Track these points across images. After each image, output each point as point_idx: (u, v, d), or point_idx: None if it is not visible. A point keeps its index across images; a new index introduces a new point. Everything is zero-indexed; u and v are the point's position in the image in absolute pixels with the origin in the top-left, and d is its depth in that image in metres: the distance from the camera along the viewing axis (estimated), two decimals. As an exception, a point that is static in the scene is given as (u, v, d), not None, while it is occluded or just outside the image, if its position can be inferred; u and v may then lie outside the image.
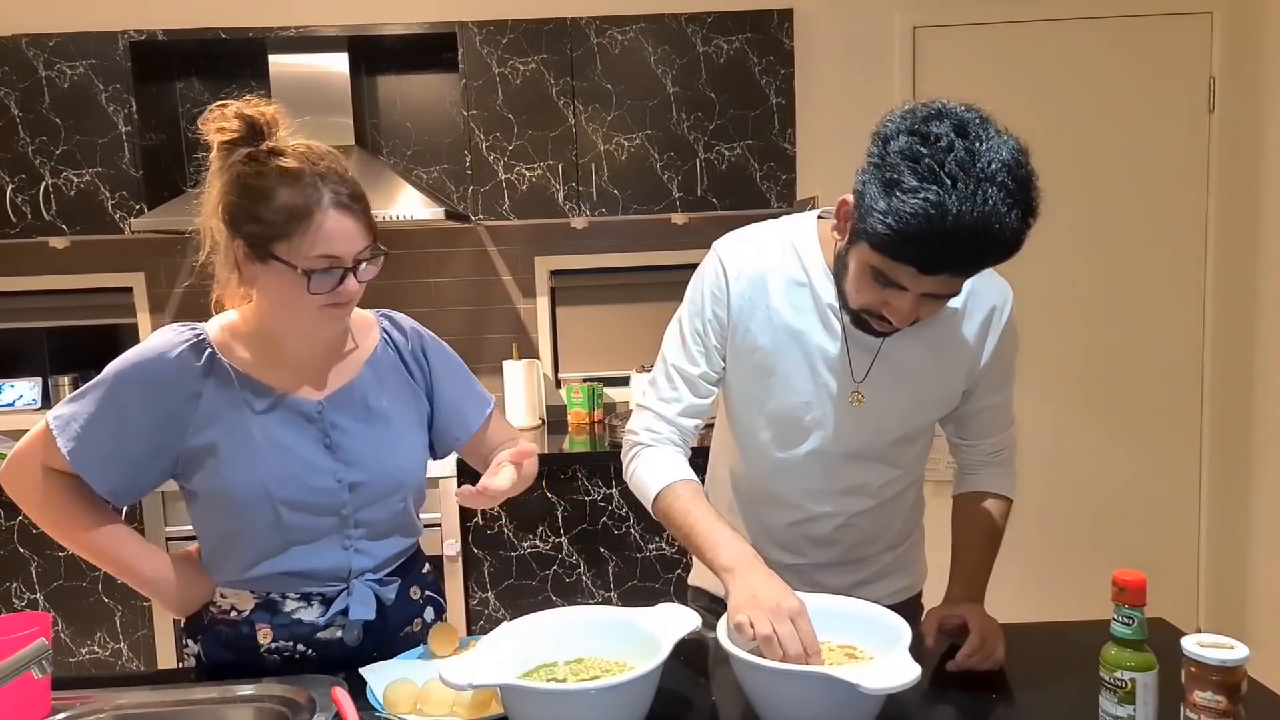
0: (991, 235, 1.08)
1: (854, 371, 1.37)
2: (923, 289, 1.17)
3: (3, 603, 2.96)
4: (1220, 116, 3.13)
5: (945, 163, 1.07)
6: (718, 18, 3.09)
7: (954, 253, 1.10)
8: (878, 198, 1.10)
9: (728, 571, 1.23)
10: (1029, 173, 1.11)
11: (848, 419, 1.39)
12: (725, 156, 3.15)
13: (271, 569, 1.34)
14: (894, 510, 1.52)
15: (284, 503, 1.31)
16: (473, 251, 3.54)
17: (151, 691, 1.29)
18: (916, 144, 1.09)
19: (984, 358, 1.41)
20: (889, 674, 1.02)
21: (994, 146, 1.09)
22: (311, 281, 1.25)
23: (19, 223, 3.09)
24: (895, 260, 1.13)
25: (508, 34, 3.08)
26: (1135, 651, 1.05)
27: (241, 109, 1.29)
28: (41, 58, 3.04)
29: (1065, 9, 3.12)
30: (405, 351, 1.47)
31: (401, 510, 1.43)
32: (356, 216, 1.28)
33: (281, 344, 1.36)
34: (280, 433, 1.33)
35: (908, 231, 1.08)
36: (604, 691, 1.05)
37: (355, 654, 1.39)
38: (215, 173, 1.31)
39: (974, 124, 1.10)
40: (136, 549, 1.37)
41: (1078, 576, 3.26)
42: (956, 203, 1.05)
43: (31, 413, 3.46)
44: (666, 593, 3.01)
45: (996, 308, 1.40)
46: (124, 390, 1.28)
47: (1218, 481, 3.26)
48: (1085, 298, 3.22)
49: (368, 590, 1.38)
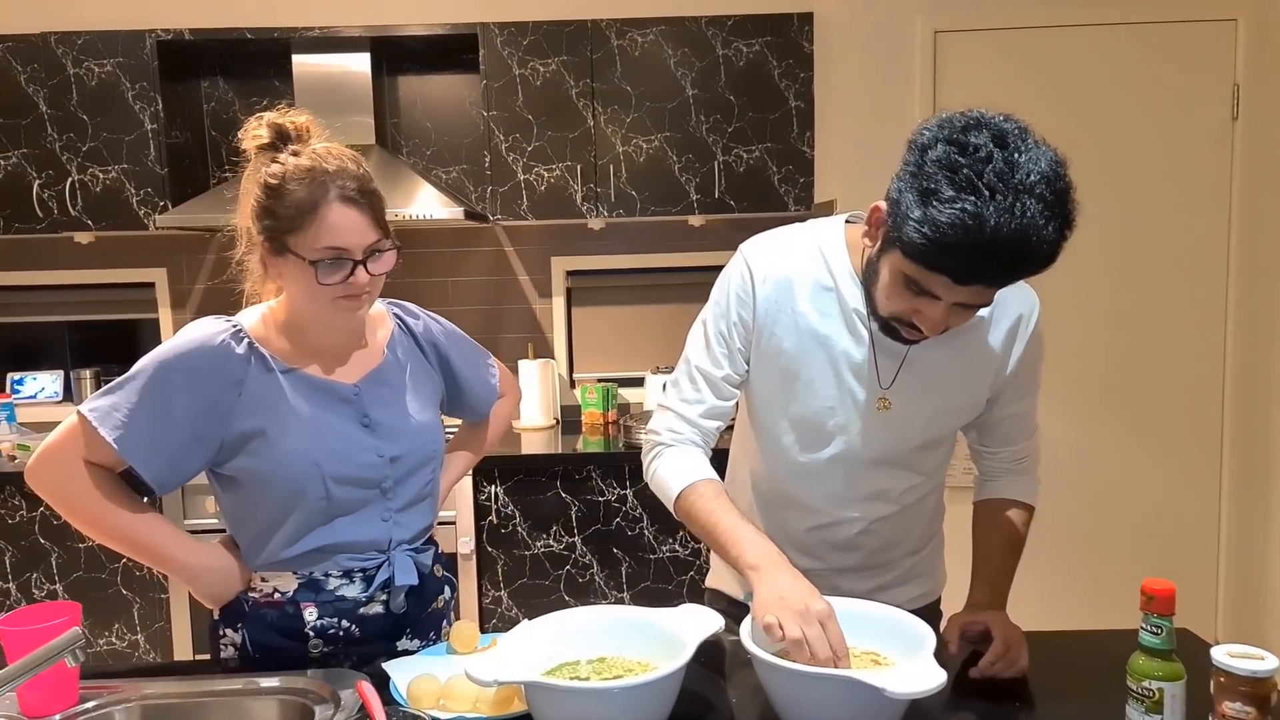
0: (1029, 247, 1.07)
1: (881, 378, 1.37)
2: (956, 299, 1.16)
3: (23, 593, 2.99)
4: (1244, 124, 3.11)
5: (984, 173, 1.06)
6: (738, 21, 3.09)
7: (990, 264, 1.09)
8: (914, 206, 1.10)
9: (753, 570, 1.23)
10: (1067, 184, 1.10)
11: (874, 425, 1.39)
12: (744, 159, 3.15)
13: (318, 542, 1.39)
14: (915, 516, 1.52)
15: (334, 478, 1.37)
16: (490, 251, 3.55)
17: (177, 682, 1.31)
18: (954, 153, 1.08)
19: (1009, 366, 1.41)
20: (914, 679, 1.02)
21: (1033, 158, 1.08)
22: (319, 272, 1.30)
23: (45, 218, 3.12)
24: (930, 270, 1.13)
25: (528, 35, 3.10)
26: (1164, 661, 1.05)
27: (274, 118, 1.37)
28: (70, 55, 3.07)
29: (1087, 15, 3.11)
30: (419, 335, 1.56)
31: (430, 482, 1.52)
32: (363, 210, 1.33)
33: (309, 334, 1.42)
34: (322, 414, 1.39)
35: (944, 241, 1.07)
36: (628, 691, 1.06)
37: (394, 629, 1.46)
38: (248, 176, 1.38)
39: (1013, 134, 1.10)
40: (174, 538, 1.40)
41: (1097, 584, 3.25)
42: (994, 214, 1.05)
43: (53, 405, 3.48)
44: (680, 595, 3.01)
45: (1023, 316, 1.40)
46: (168, 379, 1.32)
47: (1238, 491, 3.24)
48: (1107, 304, 3.20)
49: (407, 559, 1.46)
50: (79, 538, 2.97)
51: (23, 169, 3.11)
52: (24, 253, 3.47)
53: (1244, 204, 3.14)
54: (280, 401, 1.37)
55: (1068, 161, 1.12)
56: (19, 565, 2.98)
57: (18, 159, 3.11)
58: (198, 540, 1.42)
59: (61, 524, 2.96)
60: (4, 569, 2.98)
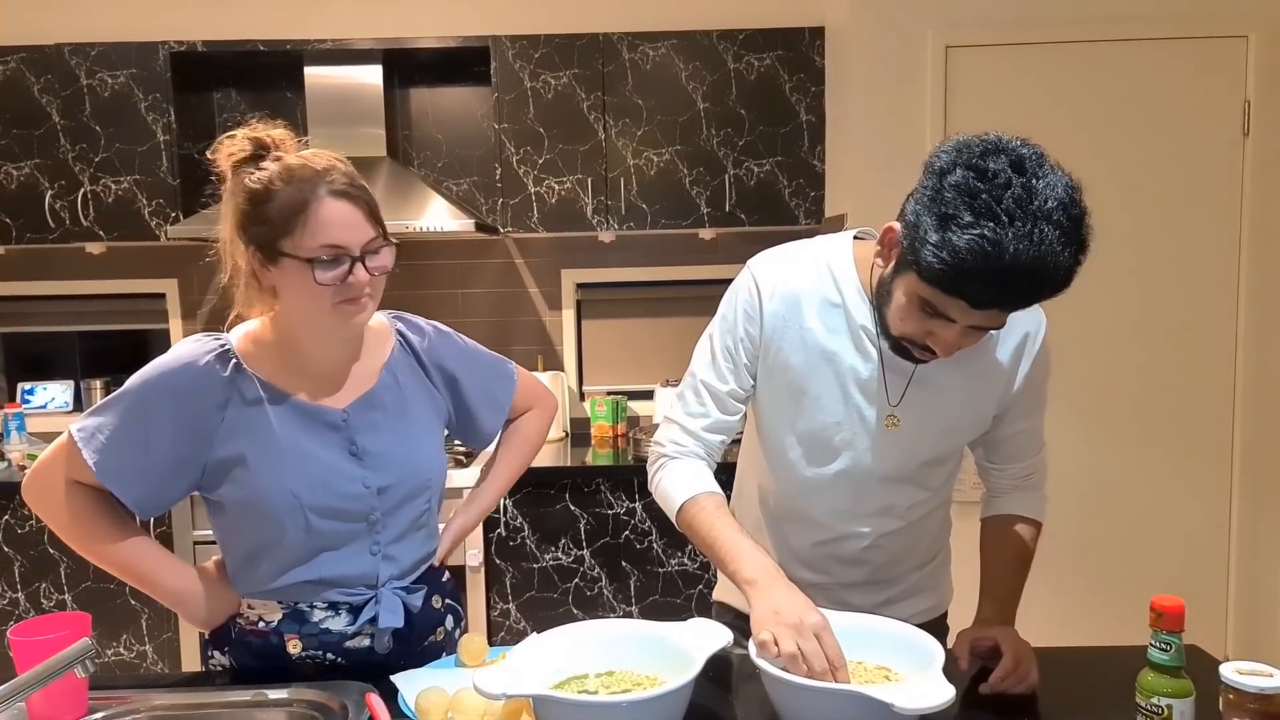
0: (1046, 273, 1.08)
1: (890, 395, 1.37)
2: (971, 321, 1.17)
3: (31, 603, 3.00)
4: (1255, 140, 3.10)
5: (1003, 199, 1.07)
6: (749, 35, 3.11)
7: (1008, 289, 1.10)
8: (931, 230, 1.10)
9: (750, 585, 1.23)
10: (1083, 210, 1.11)
11: (882, 442, 1.39)
12: (754, 173, 3.16)
13: (301, 576, 1.35)
14: (921, 531, 1.51)
15: (314, 510, 1.32)
16: (500, 263, 3.57)
17: (185, 694, 1.31)
18: (973, 179, 1.09)
19: (1016, 383, 1.41)
20: (923, 695, 1.02)
21: (1050, 184, 1.09)
22: (316, 270, 1.25)
23: (57, 228, 3.15)
24: (947, 294, 1.14)
25: (540, 48, 3.11)
26: (1172, 678, 1.04)
27: (249, 132, 1.32)
28: (83, 66, 3.10)
29: (1099, 31, 3.11)
30: (421, 351, 1.49)
31: (425, 512, 1.45)
32: (356, 204, 1.28)
33: (303, 352, 1.36)
34: (306, 441, 1.34)
35: (963, 267, 1.08)
36: (636, 704, 1.06)
37: (382, 663, 1.39)
38: (228, 195, 1.33)
39: (1031, 160, 1.11)
40: (161, 562, 1.35)
41: (1106, 600, 3.23)
42: (1013, 240, 1.06)
43: (63, 415, 3.51)
44: (688, 608, 3.00)
45: (1030, 334, 1.41)
46: (151, 402, 1.28)
47: (1248, 508, 3.23)
48: (1117, 319, 3.19)
49: (395, 599, 1.39)
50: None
51: (35, 179, 3.13)
52: (36, 262, 3.49)
53: (1255, 220, 3.13)
54: (263, 427, 1.31)
55: (1082, 186, 1.13)
56: (28, 575, 2.99)
57: (30, 169, 3.13)
58: (185, 564, 1.38)
59: (71, 533, 2.97)
60: (13, 578, 2.99)
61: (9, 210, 3.15)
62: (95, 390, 3.49)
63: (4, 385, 3.65)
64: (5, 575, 2.99)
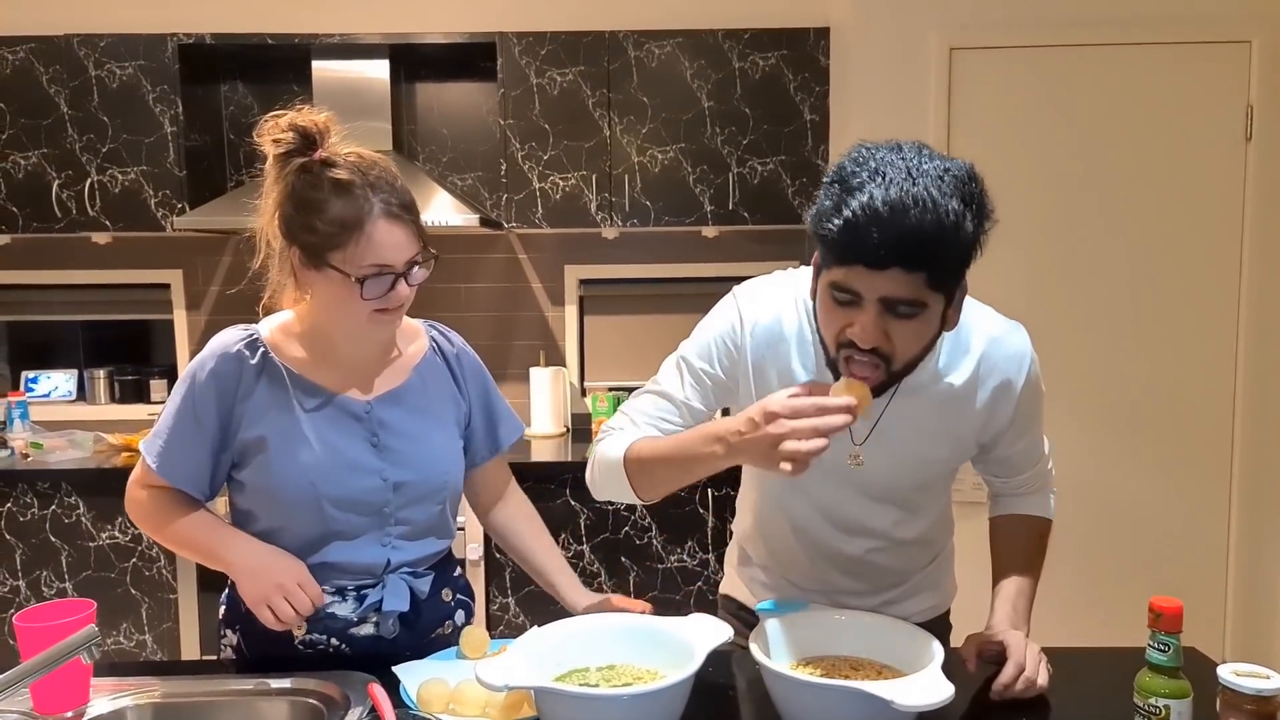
0: (929, 217, 1.07)
1: (853, 435, 1.34)
2: (879, 291, 1.12)
3: (33, 591, 3.01)
4: (1257, 145, 3.11)
5: (883, 167, 1.10)
6: (755, 34, 3.11)
7: (894, 236, 1.08)
8: (824, 215, 1.12)
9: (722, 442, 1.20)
10: (970, 175, 1.13)
11: (848, 479, 1.39)
12: (758, 171, 3.17)
13: (310, 562, 1.37)
14: (914, 547, 1.51)
15: (329, 499, 1.35)
16: (503, 258, 3.57)
17: (188, 681, 1.32)
18: (855, 160, 1.14)
19: (1000, 422, 1.38)
20: (922, 691, 1.02)
21: (931, 156, 1.13)
22: (364, 288, 1.29)
23: (64, 217, 3.16)
24: (845, 264, 1.12)
25: (546, 45, 3.12)
26: (1170, 679, 1.05)
27: (295, 119, 1.32)
28: (92, 57, 3.11)
29: (1102, 35, 3.11)
30: (452, 360, 1.52)
31: (439, 513, 1.46)
32: (406, 225, 1.32)
33: (333, 345, 1.40)
34: (328, 431, 1.37)
35: (853, 226, 1.09)
36: (637, 698, 1.07)
37: (387, 652, 1.40)
38: (272, 182, 1.34)
39: (915, 144, 1.15)
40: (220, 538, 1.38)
41: (1104, 601, 3.24)
42: (896, 189, 1.08)
43: (66, 404, 3.51)
44: (687, 604, 3.01)
45: (1012, 369, 1.35)
46: (196, 392, 1.35)
47: (1247, 511, 3.24)
48: (1118, 323, 3.20)
49: (402, 583, 1.41)
50: (89, 537, 2.99)
51: (42, 169, 3.14)
52: (42, 252, 3.50)
53: (1257, 224, 3.14)
54: (286, 414, 1.36)
55: (979, 174, 1.15)
56: (29, 563, 3.00)
57: (38, 159, 3.14)
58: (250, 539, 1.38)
59: (72, 522, 2.98)
60: (15, 566, 3.00)
61: (16, 199, 3.15)
62: (98, 380, 3.50)
63: (8, 373, 3.66)
64: (7, 563, 3.00)
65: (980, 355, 1.33)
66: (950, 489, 1.53)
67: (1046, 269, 3.07)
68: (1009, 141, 3.08)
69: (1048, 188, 3.09)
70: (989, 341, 1.34)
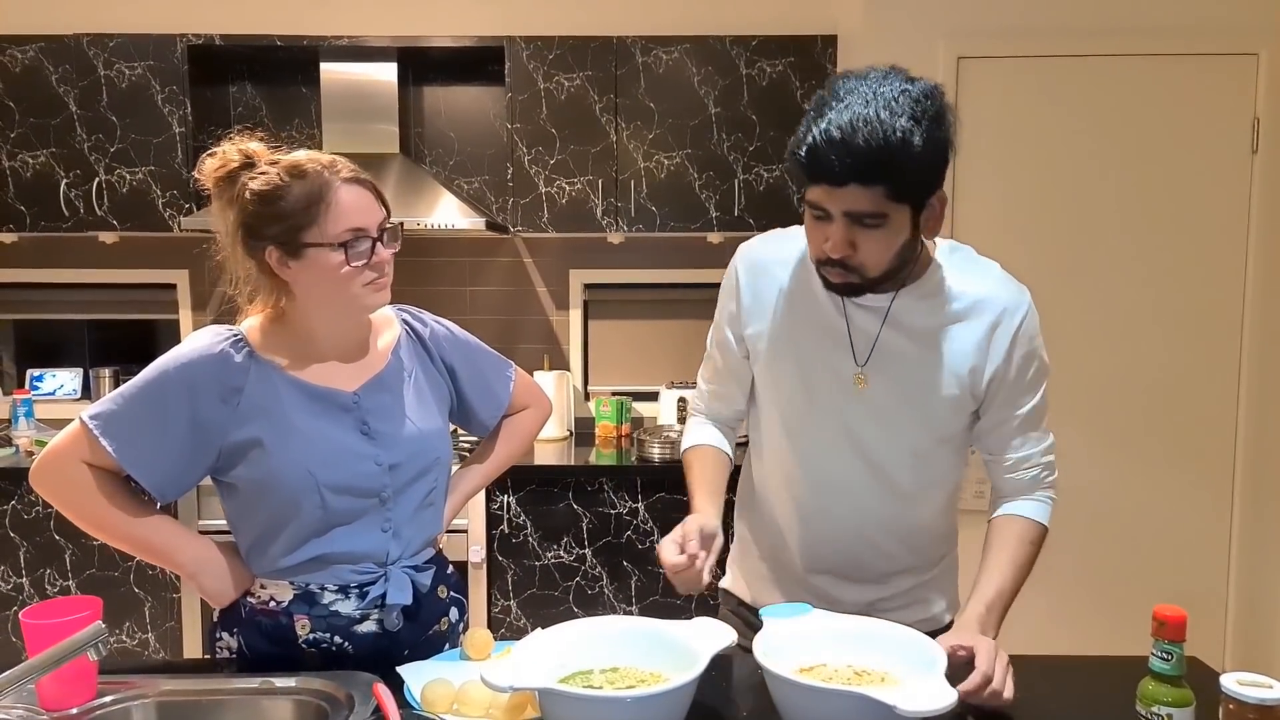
0: (876, 136, 1.20)
1: (856, 354, 1.44)
2: (842, 205, 1.26)
3: (36, 589, 3.02)
4: (1263, 157, 3.12)
5: (850, 91, 1.24)
6: (762, 41, 3.12)
7: (846, 156, 1.21)
8: (799, 137, 1.26)
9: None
10: (926, 94, 1.26)
11: (855, 402, 1.44)
12: (764, 178, 3.17)
13: (314, 551, 1.38)
14: (914, 539, 1.52)
15: (329, 487, 1.37)
16: (509, 262, 3.58)
17: (192, 680, 1.32)
18: (835, 83, 1.28)
19: (994, 361, 1.41)
20: (925, 698, 1.03)
21: (894, 80, 1.26)
22: (350, 252, 1.33)
23: (71, 217, 3.17)
24: (814, 183, 1.27)
25: (554, 50, 3.13)
26: (1173, 687, 1.06)
27: (233, 145, 1.37)
28: (101, 57, 3.12)
29: (1110, 46, 3.12)
30: (427, 339, 1.55)
31: (433, 490, 1.50)
32: (367, 187, 1.38)
33: (314, 340, 1.42)
34: (320, 422, 1.39)
35: (815, 149, 1.23)
36: (641, 700, 1.07)
37: (389, 650, 1.42)
38: (222, 208, 1.38)
39: (885, 70, 1.29)
40: (178, 533, 1.40)
41: (1107, 609, 3.24)
42: (849, 115, 1.22)
43: (71, 403, 3.52)
44: (688, 609, 3.01)
45: (1007, 309, 1.42)
46: (168, 390, 1.33)
47: (1249, 519, 3.24)
48: (1123, 332, 3.20)
49: (404, 576, 1.43)
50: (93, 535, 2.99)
51: (51, 168, 3.16)
52: (49, 251, 3.52)
53: (1262, 236, 3.14)
54: (277, 410, 1.37)
55: (943, 92, 1.30)
56: (33, 561, 3.01)
57: (46, 158, 3.16)
58: (204, 538, 1.41)
59: (77, 520, 2.98)
60: (19, 564, 3.01)
61: (24, 198, 3.17)
62: (104, 379, 3.50)
63: (14, 372, 3.67)
64: (10, 561, 3.01)
65: (977, 293, 1.43)
66: (949, 481, 1.53)
67: (1052, 277, 3.07)
68: (1015, 151, 3.09)
69: (1054, 197, 3.10)
70: (989, 281, 1.44)
